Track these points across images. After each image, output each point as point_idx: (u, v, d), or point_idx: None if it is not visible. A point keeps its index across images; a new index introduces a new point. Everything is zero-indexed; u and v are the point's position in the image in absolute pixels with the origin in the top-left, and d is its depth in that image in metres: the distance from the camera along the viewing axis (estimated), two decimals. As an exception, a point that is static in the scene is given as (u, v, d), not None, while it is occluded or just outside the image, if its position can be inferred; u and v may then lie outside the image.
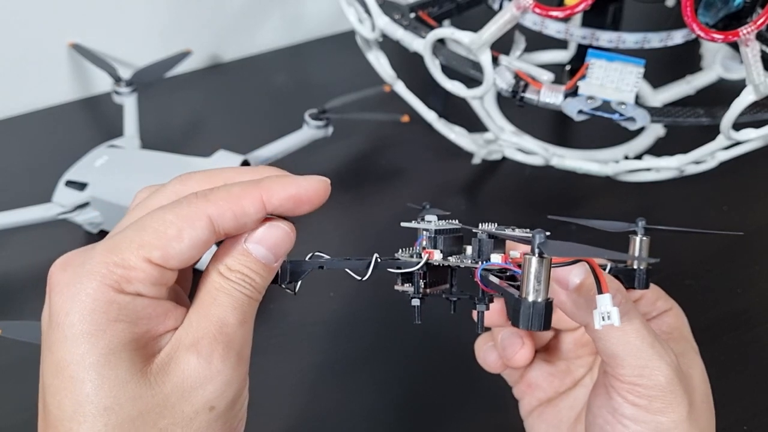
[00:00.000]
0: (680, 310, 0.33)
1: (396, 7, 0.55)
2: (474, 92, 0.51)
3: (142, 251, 0.23)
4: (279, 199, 0.25)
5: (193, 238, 0.24)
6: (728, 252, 0.57)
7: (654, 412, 0.28)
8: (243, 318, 0.25)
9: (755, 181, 0.64)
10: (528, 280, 0.23)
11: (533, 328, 0.23)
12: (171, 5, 0.74)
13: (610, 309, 0.24)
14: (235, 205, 0.25)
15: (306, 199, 0.26)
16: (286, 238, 0.26)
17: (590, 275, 0.26)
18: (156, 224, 0.24)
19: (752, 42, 0.43)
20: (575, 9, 0.44)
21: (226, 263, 0.26)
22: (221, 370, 0.24)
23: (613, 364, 0.28)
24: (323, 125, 0.62)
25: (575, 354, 0.35)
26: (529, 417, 0.36)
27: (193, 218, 0.24)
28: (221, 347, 0.24)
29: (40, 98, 0.71)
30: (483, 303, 0.30)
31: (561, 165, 0.62)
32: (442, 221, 0.30)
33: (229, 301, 0.25)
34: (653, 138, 0.67)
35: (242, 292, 0.25)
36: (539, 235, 0.23)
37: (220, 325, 0.25)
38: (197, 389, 0.24)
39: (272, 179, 0.26)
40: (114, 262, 0.23)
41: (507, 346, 0.34)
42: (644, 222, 0.31)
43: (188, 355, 0.24)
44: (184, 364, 0.24)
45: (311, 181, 0.26)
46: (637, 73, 0.48)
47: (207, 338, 0.24)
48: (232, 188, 0.25)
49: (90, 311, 0.23)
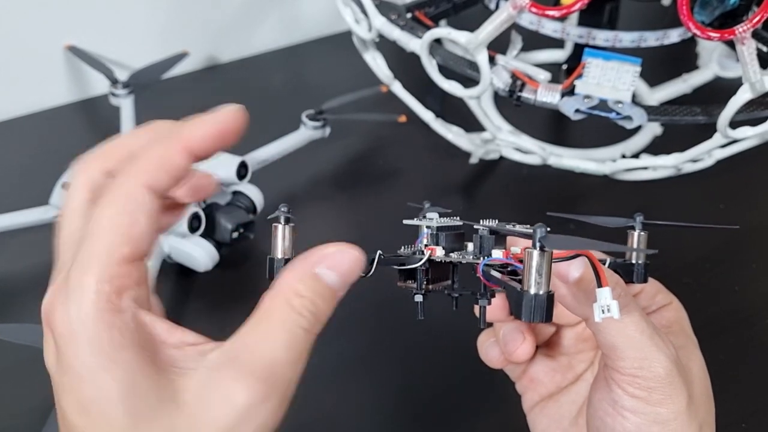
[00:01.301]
0: (680, 305, 0.34)
1: (392, 7, 0.55)
2: (471, 92, 0.51)
3: (113, 254, 0.22)
4: (202, 141, 0.25)
5: (147, 213, 0.23)
6: (726, 250, 0.57)
7: (653, 403, 0.28)
8: (298, 356, 0.24)
9: (752, 178, 0.64)
10: (530, 274, 0.23)
11: (535, 320, 0.23)
12: (168, 7, 0.73)
13: (610, 302, 0.25)
14: (166, 163, 0.24)
15: (227, 130, 0.25)
16: (359, 263, 0.25)
17: (590, 269, 0.27)
18: (108, 222, 0.23)
19: (748, 40, 0.43)
20: (571, 8, 0.44)
21: (295, 289, 0.24)
22: (263, 411, 0.23)
23: (613, 356, 0.28)
24: (320, 126, 0.62)
25: (576, 349, 0.35)
26: (532, 411, 0.36)
27: (135, 196, 0.23)
28: (268, 386, 0.23)
29: (37, 101, 0.71)
30: (485, 298, 0.30)
31: (558, 164, 0.62)
32: (444, 218, 0.31)
33: (287, 335, 0.23)
34: (650, 136, 0.67)
35: (303, 326, 0.24)
36: (540, 229, 0.23)
37: (272, 361, 0.23)
38: (238, 426, 0.22)
39: (186, 126, 0.25)
40: (95, 281, 0.22)
41: (508, 342, 0.34)
42: (642, 217, 0.31)
43: (232, 387, 0.22)
44: (226, 397, 0.22)
45: (225, 112, 0.25)
46: (634, 72, 0.48)
47: (255, 371, 0.23)
48: (153, 152, 0.25)
49: (97, 345, 0.22)
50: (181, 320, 0.52)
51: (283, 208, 0.27)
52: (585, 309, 0.28)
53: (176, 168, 0.24)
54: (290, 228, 0.27)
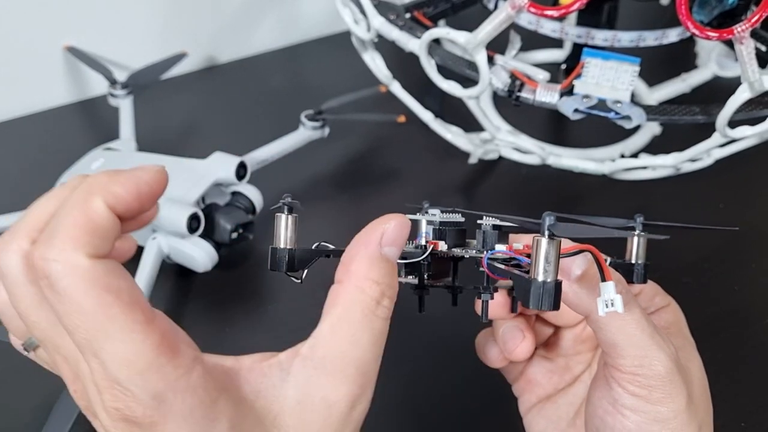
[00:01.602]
0: (677, 307, 0.34)
1: (391, 7, 0.55)
2: (470, 92, 0.51)
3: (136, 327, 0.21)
4: (125, 203, 0.22)
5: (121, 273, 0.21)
6: (725, 249, 0.57)
7: (654, 401, 0.28)
8: (381, 349, 0.24)
9: (751, 178, 0.64)
10: (538, 261, 0.23)
11: (543, 308, 0.23)
12: (167, 7, 0.73)
13: (614, 296, 0.25)
14: (89, 229, 0.21)
15: (148, 195, 0.22)
16: (408, 229, 0.25)
17: (592, 265, 0.27)
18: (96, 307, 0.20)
19: (747, 40, 0.43)
20: (570, 8, 0.44)
21: (368, 277, 0.24)
22: (360, 409, 0.23)
23: (613, 354, 0.28)
24: (319, 126, 0.62)
25: (574, 350, 0.35)
26: (528, 414, 0.36)
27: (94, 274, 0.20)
28: (361, 386, 0.23)
29: (36, 101, 0.71)
30: (488, 292, 0.30)
31: (557, 164, 0.62)
32: (446, 214, 0.31)
33: (370, 333, 0.24)
34: (649, 136, 0.67)
35: (382, 317, 0.24)
36: (549, 217, 0.23)
37: (361, 360, 0.23)
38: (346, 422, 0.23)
39: (103, 181, 0.22)
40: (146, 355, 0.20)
41: (508, 340, 0.34)
42: (642, 218, 0.31)
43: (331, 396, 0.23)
44: (328, 408, 0.23)
45: (147, 172, 0.22)
46: (633, 72, 0.48)
47: (349, 376, 0.23)
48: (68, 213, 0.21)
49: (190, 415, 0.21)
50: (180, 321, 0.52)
51: (286, 197, 0.27)
52: (587, 306, 0.28)
53: (107, 230, 0.21)
54: (293, 218, 0.27)
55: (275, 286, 0.53)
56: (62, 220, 0.21)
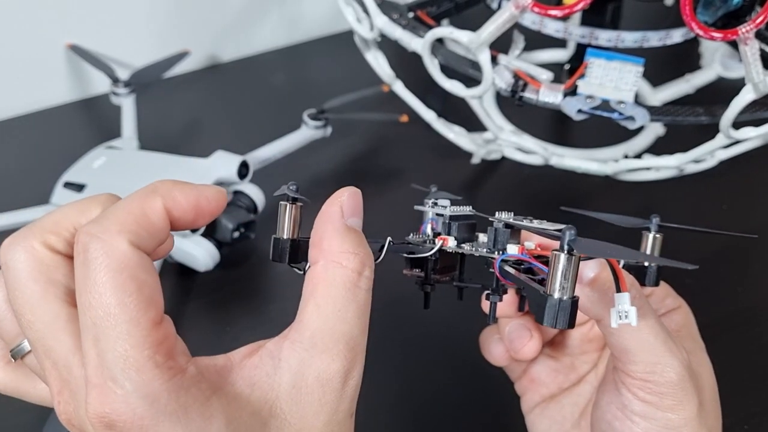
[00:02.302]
0: (688, 309, 0.33)
1: (394, 6, 0.55)
2: (473, 92, 0.51)
3: (142, 325, 0.21)
4: (183, 209, 0.23)
5: (146, 270, 0.22)
6: (729, 251, 0.57)
7: (664, 409, 0.28)
8: (366, 320, 0.24)
9: (755, 179, 0.64)
10: (555, 277, 0.22)
11: (558, 326, 0.23)
12: (169, 6, 0.73)
13: (628, 308, 0.24)
14: (143, 224, 0.22)
15: (207, 209, 0.24)
16: (360, 197, 0.25)
17: (605, 269, 0.26)
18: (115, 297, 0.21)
19: (751, 40, 0.43)
20: (574, 8, 0.44)
21: (342, 250, 0.24)
22: (353, 382, 0.23)
23: (625, 359, 0.28)
24: (322, 125, 0.62)
25: (581, 350, 0.35)
26: (531, 413, 0.36)
27: (124, 258, 0.21)
28: (351, 360, 0.23)
29: (38, 99, 0.71)
30: (497, 294, 0.29)
31: (560, 164, 0.62)
32: (455, 206, 0.30)
33: (355, 306, 0.23)
34: (653, 137, 0.66)
35: (364, 288, 0.24)
36: (570, 231, 0.22)
37: (349, 334, 0.23)
38: (340, 404, 0.23)
39: (170, 187, 0.23)
40: (147, 356, 0.21)
41: (515, 339, 0.33)
42: (658, 219, 0.31)
43: (324, 374, 0.22)
44: (322, 387, 0.23)
45: (212, 190, 0.24)
46: (636, 72, 0.48)
47: (340, 351, 0.23)
48: (132, 205, 0.22)
49: (183, 412, 0.21)
50: (182, 320, 0.52)
51: (291, 186, 0.27)
52: (598, 310, 0.27)
53: (154, 228, 0.22)
54: (297, 207, 0.27)
55: (277, 286, 0.53)
56: (120, 206, 0.22)
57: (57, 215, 0.24)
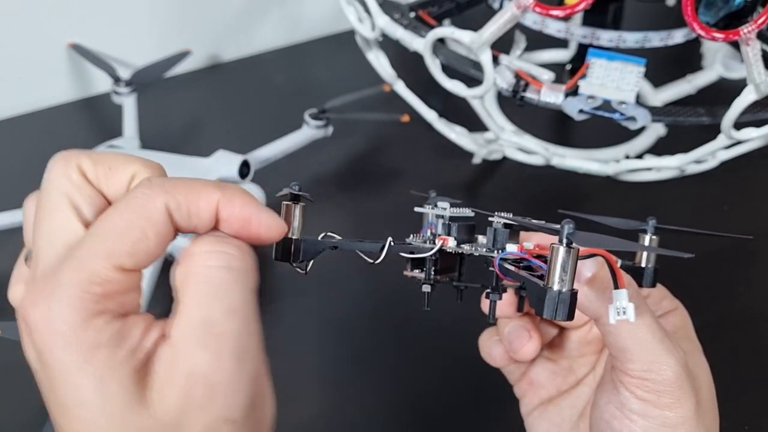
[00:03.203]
0: (685, 311, 0.33)
1: (396, 6, 0.55)
2: (474, 92, 0.51)
3: (112, 260, 0.22)
4: (233, 214, 0.23)
5: (159, 235, 0.22)
6: (729, 251, 0.57)
7: (662, 407, 0.28)
8: (230, 307, 0.22)
9: (756, 180, 0.64)
10: (554, 270, 0.23)
11: (558, 318, 0.23)
12: (170, 5, 0.73)
13: (626, 304, 0.25)
14: (193, 201, 0.23)
15: (255, 231, 0.24)
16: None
17: (603, 268, 0.26)
18: (117, 228, 0.22)
19: (753, 41, 0.43)
20: (576, 8, 0.44)
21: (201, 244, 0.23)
22: (222, 371, 0.21)
23: (623, 358, 0.28)
24: (323, 125, 0.62)
25: (579, 352, 0.35)
26: (530, 416, 0.36)
27: (153, 213, 0.22)
28: (214, 349, 0.21)
29: (40, 98, 0.71)
30: (496, 293, 0.30)
31: (561, 164, 0.62)
32: (455, 209, 0.30)
33: (206, 287, 0.22)
34: (654, 137, 0.66)
35: (221, 275, 0.23)
36: (568, 225, 0.23)
37: (207, 320, 0.22)
38: (206, 404, 0.21)
39: (236, 190, 0.24)
40: (86, 280, 0.21)
41: (514, 339, 0.33)
42: (655, 221, 0.31)
43: (180, 365, 0.21)
44: (180, 378, 0.21)
45: (270, 216, 0.24)
46: (638, 73, 0.48)
47: (200, 339, 0.22)
48: (193, 182, 0.23)
49: (75, 344, 0.21)
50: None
51: (294, 186, 0.27)
52: (596, 309, 0.27)
53: (196, 214, 0.23)
54: (300, 207, 0.27)
55: (276, 286, 0.53)
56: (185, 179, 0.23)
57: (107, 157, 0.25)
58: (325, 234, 0.28)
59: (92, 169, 0.24)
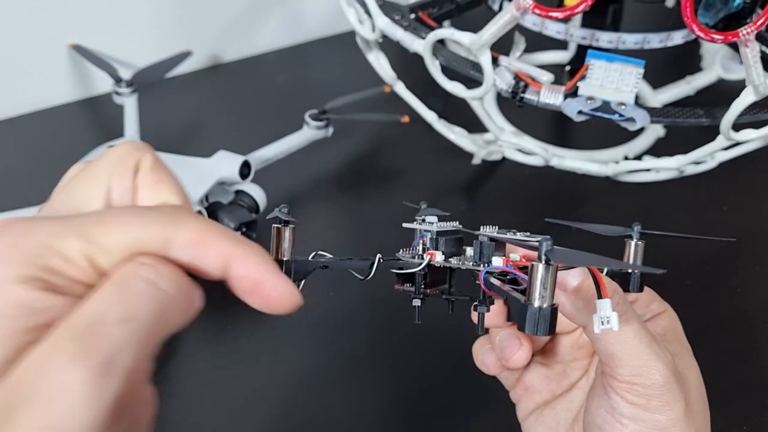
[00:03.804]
0: (674, 313, 0.34)
1: (396, 7, 0.55)
2: (474, 93, 0.51)
3: (91, 246, 0.20)
4: (247, 274, 0.22)
5: None
6: (728, 252, 0.57)
7: (652, 410, 0.28)
8: (126, 314, 0.19)
9: (755, 181, 0.64)
10: (534, 287, 0.23)
11: (539, 333, 0.23)
12: (171, 6, 0.74)
13: (610, 314, 0.25)
14: (202, 252, 0.22)
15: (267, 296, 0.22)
16: None
17: (588, 277, 0.27)
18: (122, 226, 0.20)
19: (752, 43, 0.43)
20: (575, 10, 0.44)
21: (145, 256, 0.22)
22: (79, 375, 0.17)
23: (612, 364, 0.29)
24: (323, 126, 0.62)
25: (571, 357, 0.35)
26: (527, 420, 0.36)
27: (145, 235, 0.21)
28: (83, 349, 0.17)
29: (41, 99, 0.71)
30: (484, 305, 0.30)
31: (561, 165, 0.62)
32: (443, 222, 0.31)
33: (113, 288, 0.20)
34: (653, 138, 0.67)
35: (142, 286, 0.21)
36: (546, 242, 0.23)
37: (92, 320, 0.18)
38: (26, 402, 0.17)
39: (253, 248, 0.21)
40: (55, 244, 0.19)
41: (505, 348, 0.34)
42: (640, 227, 0.32)
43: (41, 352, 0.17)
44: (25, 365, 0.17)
45: (288, 283, 0.22)
46: (637, 74, 0.48)
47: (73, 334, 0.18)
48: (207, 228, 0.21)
49: None
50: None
51: (283, 209, 0.27)
52: (583, 317, 0.28)
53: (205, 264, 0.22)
54: (290, 229, 0.27)
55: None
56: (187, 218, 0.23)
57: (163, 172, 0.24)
58: (316, 253, 0.28)
59: (147, 171, 0.24)
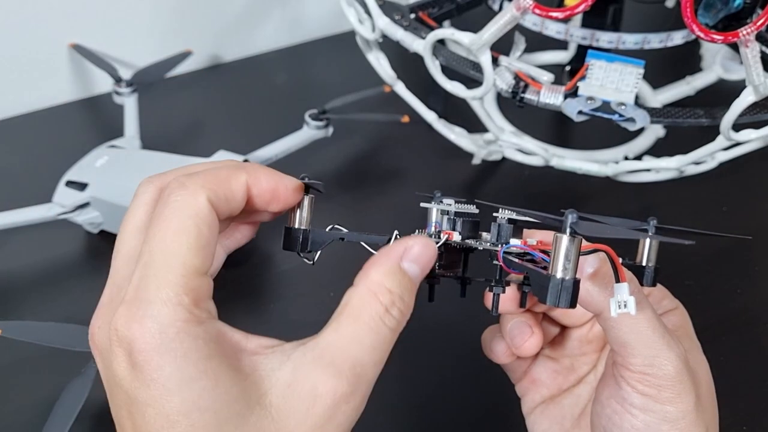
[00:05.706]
0: (684, 310, 0.34)
1: (396, 7, 0.55)
2: (474, 93, 0.51)
3: (187, 267, 0.23)
4: (262, 189, 0.25)
5: (211, 227, 0.24)
6: (728, 252, 0.57)
7: (663, 401, 0.28)
8: (382, 356, 0.24)
9: (755, 181, 0.64)
10: (558, 258, 0.23)
11: (561, 305, 0.23)
12: (171, 6, 0.74)
13: (627, 298, 0.25)
14: (226, 187, 0.24)
15: (283, 196, 0.26)
16: (435, 255, 0.26)
17: (606, 264, 0.27)
18: (175, 236, 0.23)
19: (752, 43, 0.43)
20: (575, 10, 0.44)
21: (383, 284, 0.24)
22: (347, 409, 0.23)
23: (624, 353, 0.29)
24: (323, 125, 0.62)
25: (580, 351, 0.35)
26: (532, 414, 0.36)
27: (199, 210, 0.23)
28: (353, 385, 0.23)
29: (41, 98, 0.71)
30: (500, 286, 0.30)
31: (561, 165, 0.62)
32: (460, 205, 0.31)
33: (374, 336, 0.24)
34: (653, 138, 0.67)
35: (390, 326, 0.24)
36: (572, 214, 0.23)
37: (358, 361, 0.23)
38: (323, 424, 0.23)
39: (257, 167, 0.26)
40: (175, 292, 0.22)
41: (516, 335, 0.33)
42: (655, 221, 0.31)
43: (319, 385, 0.23)
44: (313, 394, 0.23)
45: (292, 180, 0.26)
46: (637, 74, 0.48)
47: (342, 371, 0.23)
48: (219, 170, 0.25)
49: (183, 356, 0.22)
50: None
51: (304, 177, 0.27)
52: (598, 303, 0.28)
53: (232, 197, 0.25)
54: (309, 198, 0.27)
55: (278, 285, 0.54)
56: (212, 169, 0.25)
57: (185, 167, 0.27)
58: (332, 226, 0.28)
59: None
